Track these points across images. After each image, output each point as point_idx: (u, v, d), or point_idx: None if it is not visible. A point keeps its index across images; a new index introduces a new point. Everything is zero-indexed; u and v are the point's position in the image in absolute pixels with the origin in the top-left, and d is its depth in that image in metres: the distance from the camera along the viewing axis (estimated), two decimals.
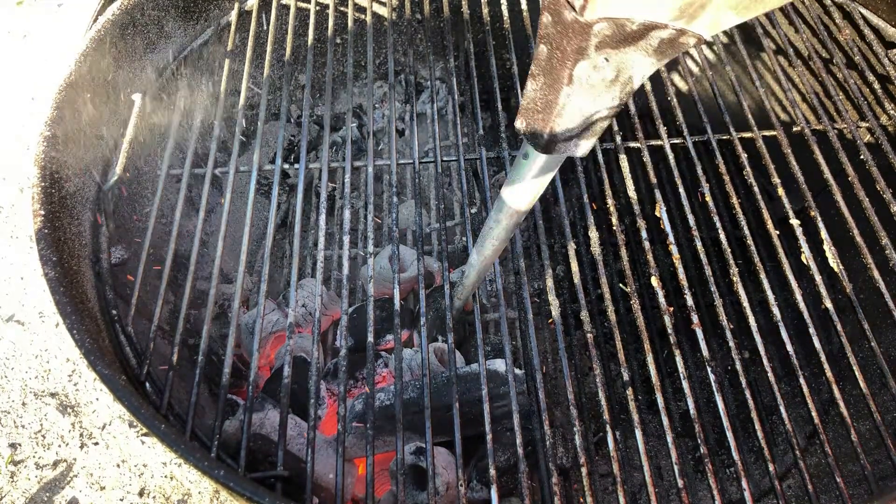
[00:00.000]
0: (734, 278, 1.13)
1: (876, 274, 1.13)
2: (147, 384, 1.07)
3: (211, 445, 0.98)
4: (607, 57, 0.61)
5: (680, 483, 0.95)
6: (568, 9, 0.59)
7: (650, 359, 1.05)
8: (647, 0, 0.55)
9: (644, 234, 1.17)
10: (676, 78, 1.79)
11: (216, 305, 1.48)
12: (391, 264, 1.17)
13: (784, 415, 1.01)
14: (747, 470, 0.98)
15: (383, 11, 1.67)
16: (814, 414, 1.01)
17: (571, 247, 1.17)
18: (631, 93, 0.67)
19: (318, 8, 1.52)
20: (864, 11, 1.47)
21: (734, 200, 1.22)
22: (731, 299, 1.14)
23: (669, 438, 0.99)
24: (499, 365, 1.27)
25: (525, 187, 0.83)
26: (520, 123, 0.73)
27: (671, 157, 1.28)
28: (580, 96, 0.66)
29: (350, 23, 1.51)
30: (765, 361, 1.05)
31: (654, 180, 1.24)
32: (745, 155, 1.28)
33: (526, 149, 0.79)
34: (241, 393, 1.38)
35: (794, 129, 1.33)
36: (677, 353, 1.05)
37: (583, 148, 0.73)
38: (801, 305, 1.10)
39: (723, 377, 1.44)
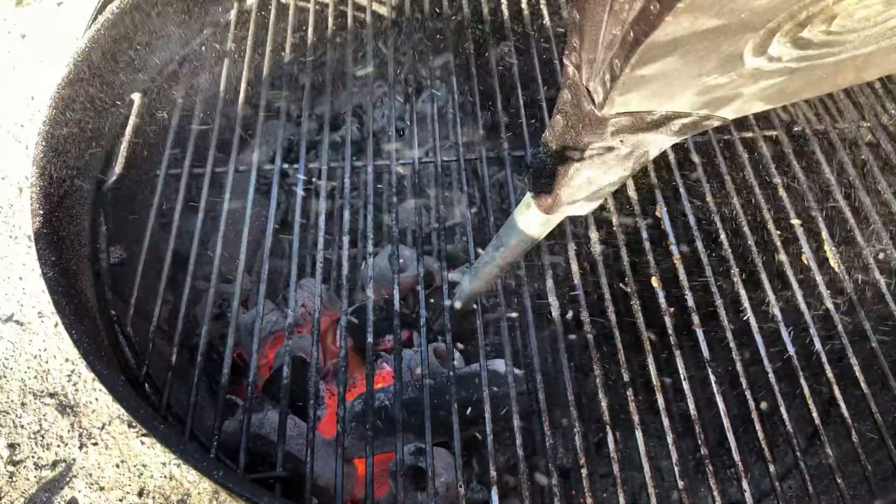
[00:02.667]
0: (734, 278, 1.13)
1: (877, 274, 1.12)
2: (146, 384, 1.07)
3: (210, 446, 0.98)
4: (623, 139, 0.60)
5: (680, 484, 0.95)
6: (587, 100, 0.58)
7: (650, 359, 1.05)
8: (669, 99, 0.53)
9: (644, 234, 1.17)
10: None
11: (215, 305, 1.48)
12: (391, 264, 1.17)
13: (784, 415, 1.00)
14: (748, 471, 0.98)
15: (383, 10, 1.66)
16: (814, 414, 1.01)
17: (571, 247, 1.17)
18: (645, 164, 0.66)
19: (317, 7, 1.52)
20: None
21: (735, 200, 1.22)
22: (732, 299, 1.14)
23: (670, 439, 0.99)
24: (498, 365, 1.26)
25: (523, 236, 0.84)
26: (527, 181, 0.75)
27: (672, 156, 1.28)
28: (591, 169, 0.66)
29: (349, 22, 1.50)
30: (765, 361, 1.05)
31: (654, 180, 1.23)
32: (747, 155, 1.28)
33: (529, 200, 0.78)
34: (240, 393, 1.37)
35: (796, 128, 1.33)
36: (677, 353, 1.05)
37: (585, 209, 0.74)
38: (802, 305, 1.10)
39: (723, 378, 1.44)
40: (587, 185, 0.68)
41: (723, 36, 0.43)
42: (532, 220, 0.80)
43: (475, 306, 1.14)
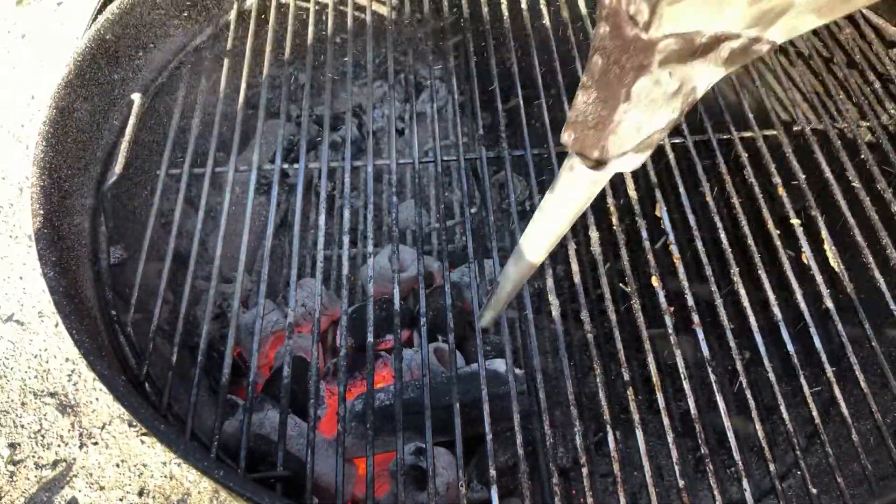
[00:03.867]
0: (734, 278, 1.13)
1: (876, 273, 1.12)
2: (146, 384, 1.07)
3: (211, 446, 0.98)
4: (671, 71, 0.57)
5: (680, 483, 0.95)
6: (630, 24, 0.54)
7: (650, 359, 1.05)
8: (719, 12, 0.51)
9: (644, 234, 1.17)
10: None
11: (216, 305, 1.48)
12: (391, 264, 1.17)
13: (785, 414, 1.01)
14: (748, 470, 0.98)
15: (383, 11, 1.66)
16: (814, 414, 1.01)
17: (571, 246, 1.17)
18: (693, 103, 0.62)
19: (317, 7, 1.52)
20: (864, 10, 1.47)
21: (734, 200, 1.22)
22: (732, 299, 1.14)
23: (670, 438, 0.99)
24: (499, 365, 1.26)
25: (569, 204, 0.77)
26: (567, 137, 0.68)
27: (671, 156, 1.28)
28: (638, 112, 0.61)
29: (349, 22, 1.50)
30: (765, 361, 1.05)
31: (654, 180, 1.23)
32: (746, 154, 1.28)
33: (572, 162, 0.72)
34: (240, 393, 1.38)
35: (795, 128, 1.33)
36: (678, 352, 1.05)
37: (635, 163, 0.68)
38: (802, 305, 1.10)
39: (723, 377, 1.44)
40: (636, 132, 0.63)
41: None
42: (578, 182, 0.73)
43: (473, 303, 1.13)
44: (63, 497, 1.56)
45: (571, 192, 0.76)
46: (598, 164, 0.68)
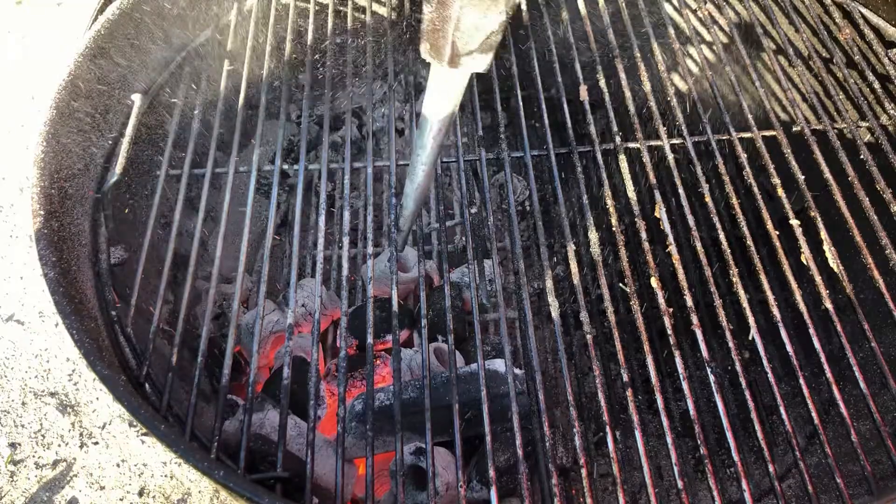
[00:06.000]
0: (734, 279, 1.13)
1: (876, 274, 1.12)
2: (147, 384, 1.07)
3: (211, 446, 0.98)
4: None
5: (680, 483, 0.95)
6: None
7: (650, 359, 1.05)
8: None
9: (644, 235, 1.17)
10: (676, 78, 1.79)
11: (216, 305, 1.48)
12: (390, 264, 1.17)
13: (784, 415, 1.01)
14: (747, 470, 0.98)
15: (383, 11, 1.66)
16: (814, 414, 1.01)
17: (571, 247, 1.17)
18: (514, 6, 0.75)
19: (317, 8, 1.52)
20: (864, 11, 1.47)
21: (734, 201, 1.22)
22: (731, 300, 1.14)
23: (669, 439, 0.99)
24: (498, 365, 1.27)
25: (442, 107, 0.92)
26: (425, 49, 0.82)
27: (671, 157, 1.28)
28: (472, 12, 0.74)
29: (349, 22, 1.50)
30: (765, 362, 1.05)
31: (653, 181, 1.23)
32: (745, 155, 1.28)
33: (434, 69, 0.87)
34: (240, 393, 1.38)
35: (794, 129, 1.33)
36: (677, 353, 1.05)
37: (482, 62, 0.82)
38: (801, 306, 1.10)
39: (722, 377, 1.44)
40: (475, 31, 0.77)
41: None
42: (443, 84, 0.87)
43: (473, 303, 1.13)
44: (63, 497, 1.56)
45: (442, 96, 0.90)
46: (453, 61, 0.82)
